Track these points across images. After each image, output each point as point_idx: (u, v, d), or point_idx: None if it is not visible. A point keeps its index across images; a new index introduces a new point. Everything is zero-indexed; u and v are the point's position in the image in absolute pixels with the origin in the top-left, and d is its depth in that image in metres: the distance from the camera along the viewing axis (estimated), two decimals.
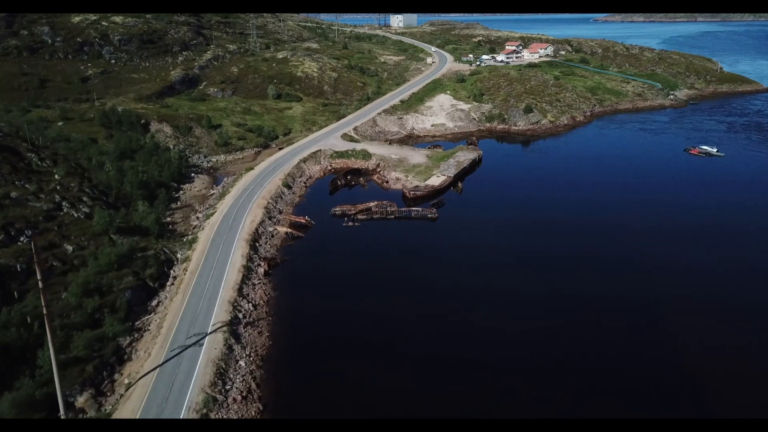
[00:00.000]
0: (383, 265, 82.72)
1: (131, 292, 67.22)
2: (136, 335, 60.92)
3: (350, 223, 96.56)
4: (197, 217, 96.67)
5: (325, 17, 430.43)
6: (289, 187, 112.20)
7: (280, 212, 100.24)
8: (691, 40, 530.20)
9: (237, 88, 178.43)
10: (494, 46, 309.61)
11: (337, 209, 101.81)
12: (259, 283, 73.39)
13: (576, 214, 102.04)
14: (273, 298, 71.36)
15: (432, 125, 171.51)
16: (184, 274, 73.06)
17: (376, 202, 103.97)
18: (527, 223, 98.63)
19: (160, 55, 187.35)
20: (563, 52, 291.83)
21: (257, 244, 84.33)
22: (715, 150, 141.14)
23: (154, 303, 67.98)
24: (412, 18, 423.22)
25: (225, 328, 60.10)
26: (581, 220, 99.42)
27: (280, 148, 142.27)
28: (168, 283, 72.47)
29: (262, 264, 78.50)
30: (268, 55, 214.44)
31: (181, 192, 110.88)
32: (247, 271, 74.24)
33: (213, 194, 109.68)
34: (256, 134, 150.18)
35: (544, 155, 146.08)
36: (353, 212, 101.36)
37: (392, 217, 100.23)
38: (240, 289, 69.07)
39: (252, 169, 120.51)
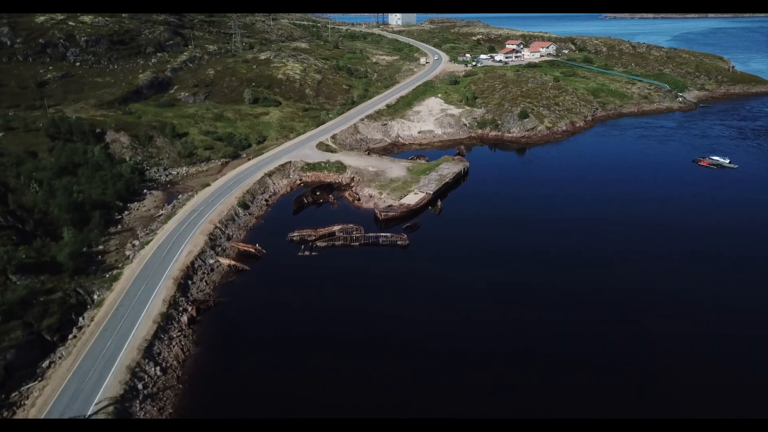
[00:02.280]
0: (339, 306, 70.38)
1: (16, 351, 55.52)
2: (6, 413, 49.04)
3: (306, 253, 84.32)
4: (133, 245, 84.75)
5: (322, 15, 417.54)
6: (246, 207, 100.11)
7: (229, 238, 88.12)
8: (702, 37, 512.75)
9: (211, 92, 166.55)
10: (494, 45, 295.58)
11: (295, 234, 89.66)
12: (179, 336, 61.31)
13: (569, 242, 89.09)
14: (193, 357, 59.24)
15: (419, 132, 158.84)
16: (90, 324, 61.15)
17: (340, 226, 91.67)
18: (512, 252, 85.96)
19: (131, 56, 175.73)
20: (566, 51, 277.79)
21: (190, 282, 72.32)
22: (727, 161, 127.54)
23: (46, 364, 56.10)
24: (411, 16, 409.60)
25: (111, 408, 48.14)
26: (574, 249, 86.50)
27: (249, 159, 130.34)
28: (70, 336, 60.61)
29: (189, 309, 66.47)
30: (249, 56, 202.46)
31: (126, 213, 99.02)
32: (166, 321, 62.18)
33: (161, 215, 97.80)
34: (226, 143, 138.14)
35: (537, 167, 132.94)
36: (314, 238, 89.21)
37: (357, 243, 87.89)
38: (148, 348, 57.00)
39: (209, 185, 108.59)
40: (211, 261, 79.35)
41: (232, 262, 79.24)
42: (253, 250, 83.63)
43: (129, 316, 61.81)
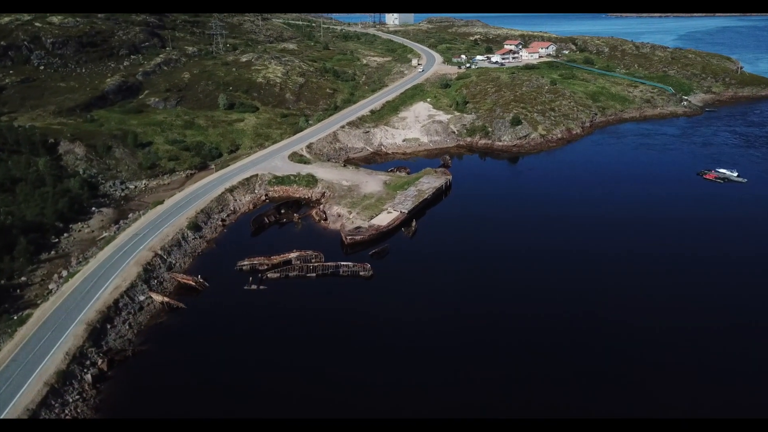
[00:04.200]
0: (283, 356, 60.31)
1: None
2: None
3: (253, 286, 74.21)
4: (61, 276, 75.01)
5: (318, 15, 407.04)
6: (198, 229, 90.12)
7: (170, 268, 78.21)
8: (709, 36, 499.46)
9: (184, 98, 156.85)
10: (492, 45, 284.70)
11: (245, 263, 79.74)
12: (76, 401, 51.38)
13: (557, 273, 78.68)
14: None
15: (403, 140, 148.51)
16: None
17: (297, 253, 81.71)
18: (491, 287, 75.49)
19: (101, 59, 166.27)
20: (566, 52, 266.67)
21: (108, 326, 62.40)
22: (735, 174, 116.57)
23: None
24: (409, 15, 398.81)
25: None
26: (564, 283, 76.06)
27: (215, 171, 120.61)
28: None
29: (99, 362, 56.59)
30: (230, 58, 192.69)
31: (66, 236, 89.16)
32: (62, 382, 52.27)
33: (104, 238, 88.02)
34: (194, 153, 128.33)
35: (527, 179, 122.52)
36: (266, 267, 79.25)
37: (314, 274, 77.78)
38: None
39: (162, 202, 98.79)
40: (142, 298, 69.44)
41: (166, 299, 69.25)
42: (193, 283, 73.70)
43: (18, 376, 51.96)
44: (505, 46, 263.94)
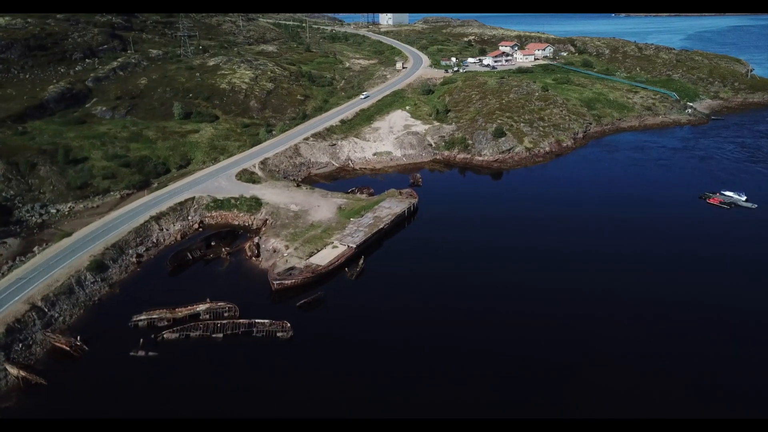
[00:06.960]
0: None
1: None
2: None
3: (141, 352, 60.03)
4: None
5: (312, 15, 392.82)
6: (102, 269, 76.15)
7: (49, 325, 64.27)
8: (718, 36, 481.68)
9: (136, 106, 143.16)
10: (486, 46, 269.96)
11: (142, 317, 65.69)
12: None
13: (537, 331, 64.08)
14: None
15: (374, 154, 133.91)
16: None
17: (207, 304, 67.59)
18: (447, 361, 60.88)
19: (50, 64, 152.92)
20: (564, 54, 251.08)
21: None
22: (743, 198, 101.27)
23: None
24: (404, 15, 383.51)
25: None
26: (544, 344, 61.49)
27: (150, 192, 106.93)
28: None
29: None
30: (197, 62, 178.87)
31: None
32: None
33: None
34: (135, 169, 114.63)
35: (505, 200, 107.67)
36: (168, 322, 65.26)
37: (221, 335, 63.53)
38: None
39: (69, 234, 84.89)
40: None
41: (23, 373, 55.25)
42: (68, 347, 59.67)
43: None
44: (500, 48, 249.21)
